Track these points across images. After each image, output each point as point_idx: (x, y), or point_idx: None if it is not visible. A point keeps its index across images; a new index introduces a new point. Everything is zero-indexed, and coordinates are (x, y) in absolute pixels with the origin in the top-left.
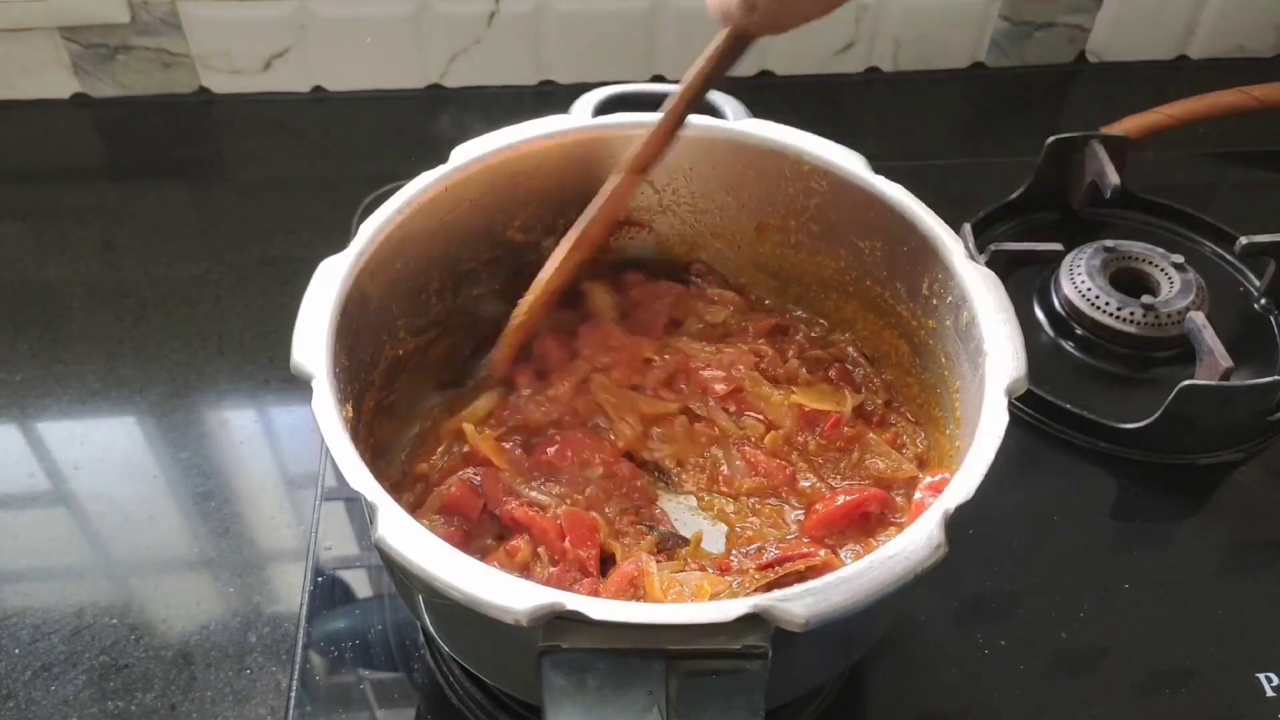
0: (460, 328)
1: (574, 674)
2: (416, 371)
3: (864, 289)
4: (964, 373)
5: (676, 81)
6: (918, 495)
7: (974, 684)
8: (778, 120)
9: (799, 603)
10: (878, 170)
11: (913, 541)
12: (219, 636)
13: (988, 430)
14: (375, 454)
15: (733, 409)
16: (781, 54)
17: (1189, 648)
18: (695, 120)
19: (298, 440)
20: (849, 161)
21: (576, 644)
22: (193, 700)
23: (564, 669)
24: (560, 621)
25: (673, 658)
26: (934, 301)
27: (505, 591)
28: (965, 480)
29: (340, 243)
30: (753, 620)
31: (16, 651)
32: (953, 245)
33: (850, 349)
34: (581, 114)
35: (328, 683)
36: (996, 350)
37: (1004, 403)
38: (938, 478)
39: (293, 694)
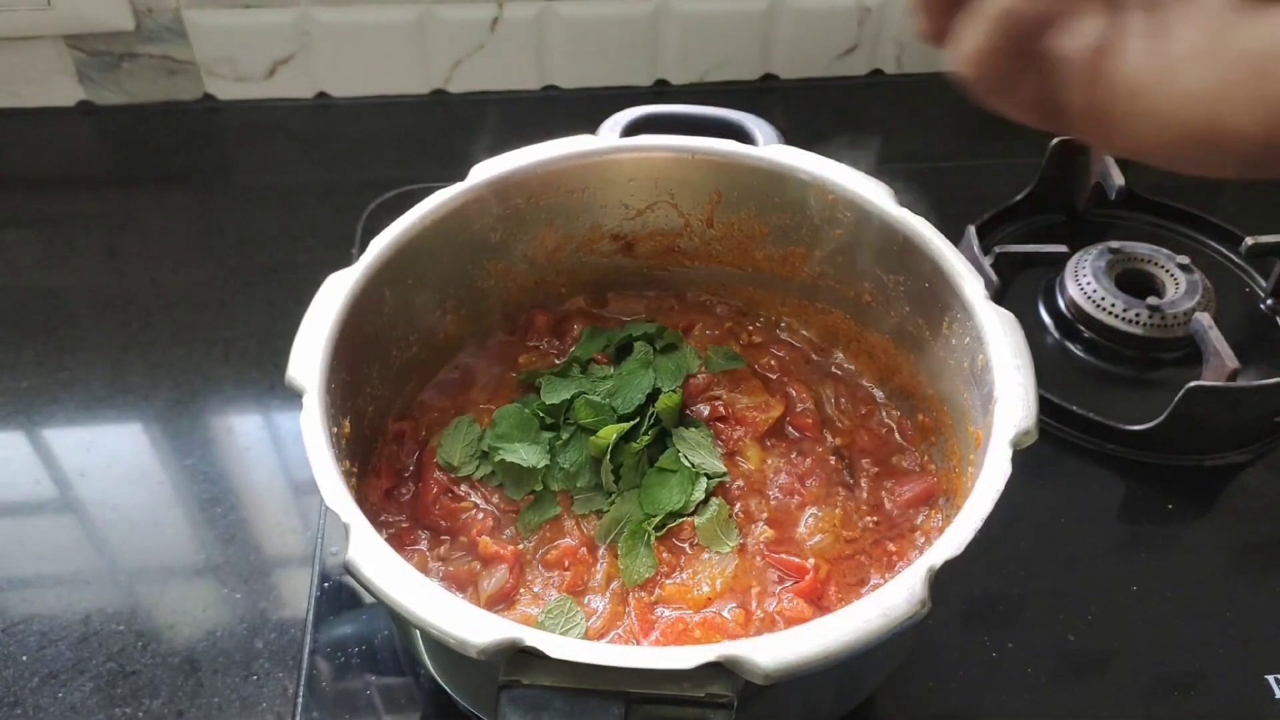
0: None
1: (531, 711)
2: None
3: (889, 323)
4: (976, 418)
5: (679, 87)
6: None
7: (981, 687)
8: (782, 124)
9: (765, 653)
10: (883, 174)
11: (893, 596)
12: (225, 643)
13: (986, 484)
14: (386, 466)
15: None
16: (785, 57)
17: (1197, 650)
18: (723, 145)
19: (303, 446)
20: (873, 192)
21: (537, 681)
22: (200, 707)
23: (521, 705)
24: (523, 657)
25: (633, 701)
26: (954, 341)
27: (465, 623)
28: (956, 535)
29: (344, 249)
30: (716, 668)
31: (24, 659)
32: (974, 284)
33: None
34: (609, 134)
35: (334, 688)
36: (1006, 398)
37: (1008, 454)
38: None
39: (299, 700)
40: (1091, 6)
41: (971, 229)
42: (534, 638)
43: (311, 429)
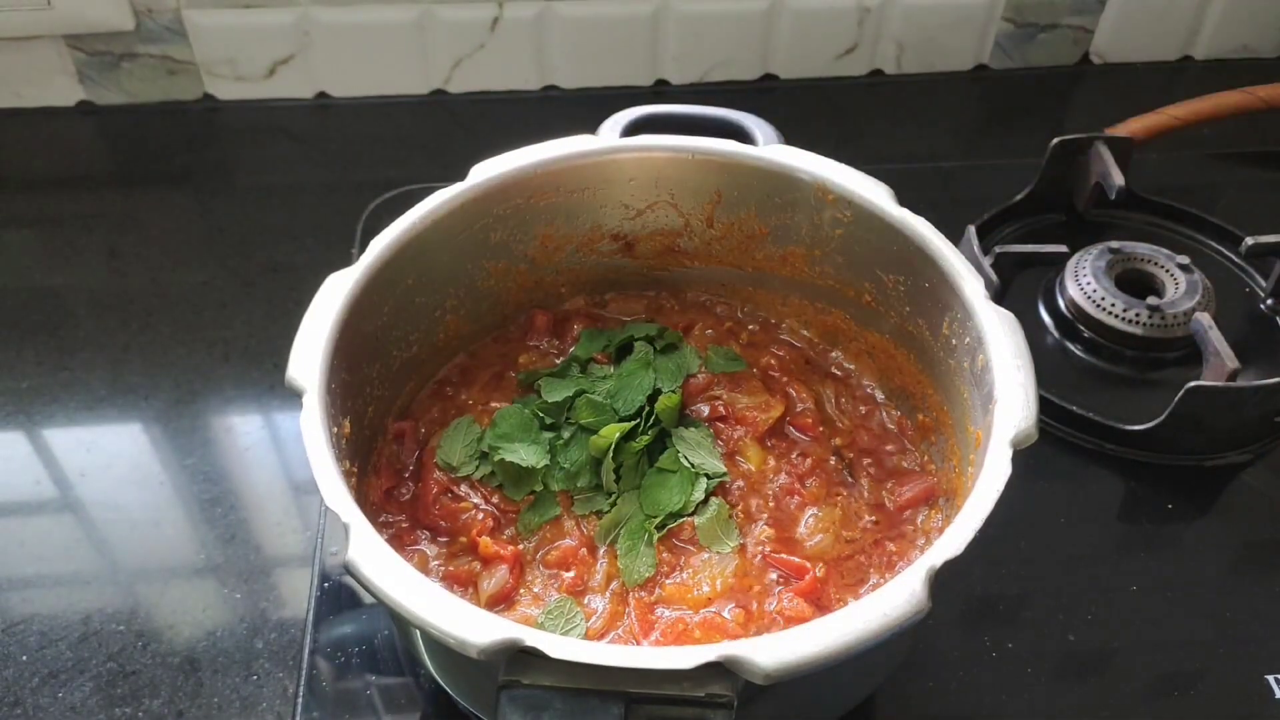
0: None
1: (531, 711)
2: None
3: (889, 323)
4: (976, 418)
5: (679, 87)
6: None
7: (981, 687)
8: (782, 124)
9: (765, 653)
10: (883, 174)
11: (893, 596)
12: (226, 643)
13: (986, 485)
14: (386, 466)
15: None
16: (785, 57)
17: (1197, 650)
18: (723, 145)
19: (303, 446)
20: (873, 192)
21: (537, 681)
22: (200, 706)
23: (521, 705)
24: (523, 657)
25: (633, 701)
26: (954, 341)
27: (465, 623)
28: (956, 535)
29: (344, 249)
30: (716, 668)
31: (24, 659)
32: (974, 284)
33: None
34: (610, 134)
35: (334, 688)
36: (1006, 398)
37: (1008, 454)
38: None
39: (299, 700)
40: None
41: (971, 229)
42: (534, 638)
43: (311, 429)
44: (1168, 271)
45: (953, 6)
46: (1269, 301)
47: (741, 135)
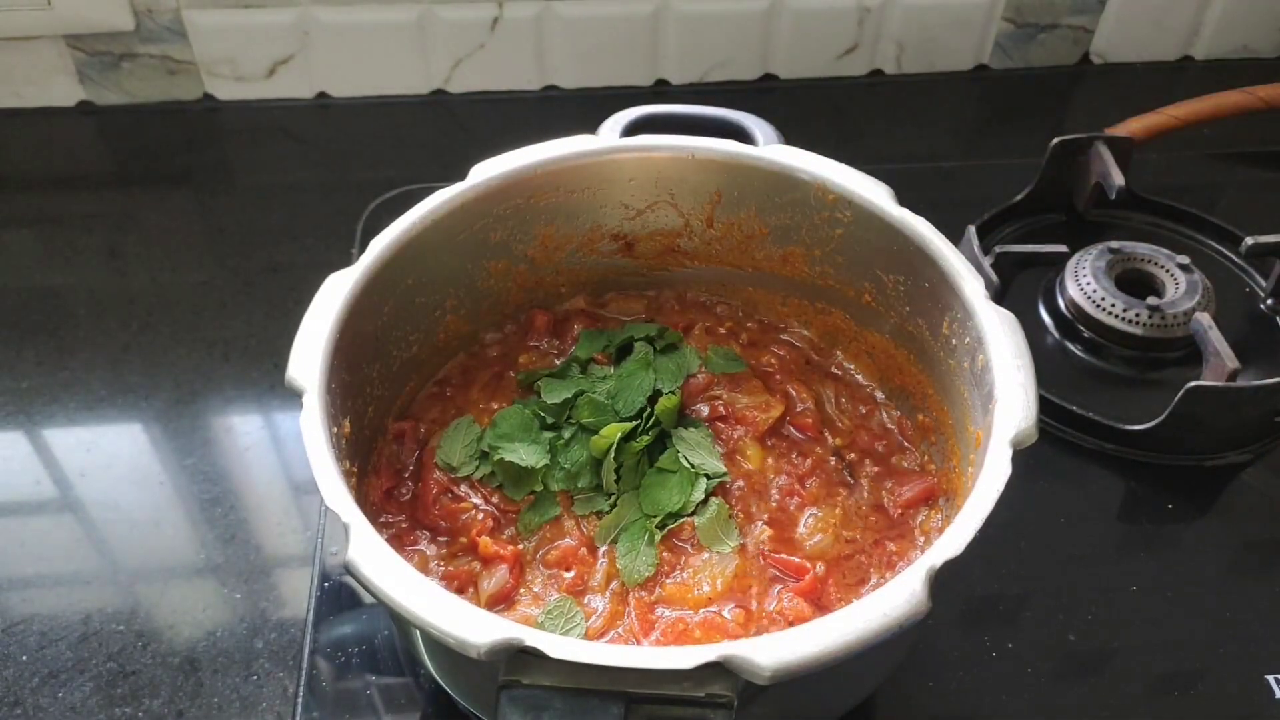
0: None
1: (531, 711)
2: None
3: (889, 323)
4: (976, 418)
5: (679, 87)
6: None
7: (981, 687)
8: (782, 124)
9: (765, 653)
10: (883, 174)
11: (893, 596)
12: (226, 643)
13: (986, 485)
14: (386, 466)
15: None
16: (785, 57)
17: (1197, 650)
18: (723, 145)
19: (303, 446)
20: (873, 192)
21: (537, 681)
22: (200, 706)
23: (521, 705)
24: (523, 656)
25: (633, 701)
26: (954, 341)
27: (466, 623)
28: (956, 535)
29: (344, 249)
30: (716, 668)
31: (24, 659)
32: (974, 284)
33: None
34: (610, 134)
35: (334, 688)
36: (1006, 398)
37: (1008, 454)
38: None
39: (299, 700)
40: None
41: (971, 229)
42: (534, 638)
43: (311, 429)
44: (1168, 271)
45: (953, 6)
46: (1269, 301)
47: (741, 135)
